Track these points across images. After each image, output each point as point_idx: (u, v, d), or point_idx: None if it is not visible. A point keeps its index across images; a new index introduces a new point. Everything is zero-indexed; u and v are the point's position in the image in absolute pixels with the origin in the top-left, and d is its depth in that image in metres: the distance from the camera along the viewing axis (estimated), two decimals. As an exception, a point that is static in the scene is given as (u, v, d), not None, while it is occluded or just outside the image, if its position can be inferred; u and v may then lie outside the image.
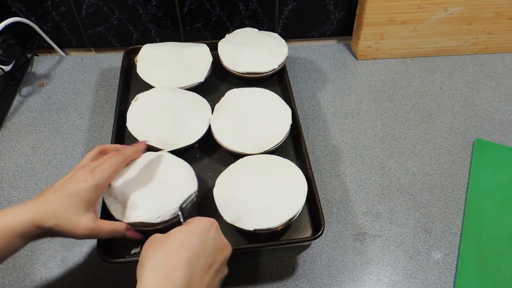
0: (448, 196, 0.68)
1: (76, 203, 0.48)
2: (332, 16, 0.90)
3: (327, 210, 0.66)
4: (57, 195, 0.48)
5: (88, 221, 0.48)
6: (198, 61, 0.78)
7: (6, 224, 0.45)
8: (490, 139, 0.76)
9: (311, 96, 0.83)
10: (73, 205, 0.47)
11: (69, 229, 0.47)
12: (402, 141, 0.75)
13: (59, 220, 0.47)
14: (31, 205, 0.47)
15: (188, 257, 0.41)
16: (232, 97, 0.73)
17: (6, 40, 0.81)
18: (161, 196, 0.57)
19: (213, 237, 0.44)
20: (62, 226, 0.47)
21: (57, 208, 0.47)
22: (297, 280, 0.59)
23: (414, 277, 0.59)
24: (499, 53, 0.92)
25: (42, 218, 0.46)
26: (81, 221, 0.48)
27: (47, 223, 0.46)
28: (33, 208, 0.46)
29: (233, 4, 0.85)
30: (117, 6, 0.84)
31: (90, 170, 0.50)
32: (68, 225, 0.47)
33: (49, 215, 0.46)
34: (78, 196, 0.48)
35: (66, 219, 0.47)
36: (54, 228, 0.46)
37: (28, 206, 0.47)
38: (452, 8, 0.83)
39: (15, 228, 0.45)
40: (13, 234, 0.45)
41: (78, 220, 0.48)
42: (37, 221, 0.46)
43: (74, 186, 0.48)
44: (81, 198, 0.48)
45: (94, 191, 0.49)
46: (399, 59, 0.91)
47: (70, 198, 0.48)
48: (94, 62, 0.90)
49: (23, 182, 0.69)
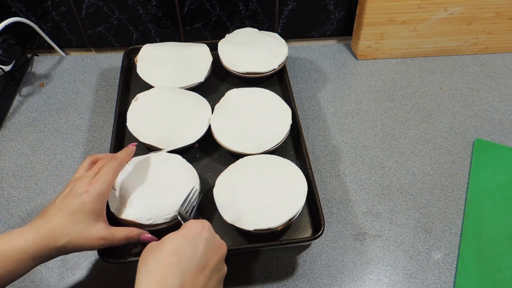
0: (448, 196, 0.68)
1: (83, 216, 0.47)
2: (332, 16, 0.90)
3: (327, 210, 0.66)
4: (62, 212, 0.47)
5: (100, 231, 0.48)
6: (198, 61, 0.78)
7: (17, 247, 0.44)
8: (490, 139, 0.76)
9: (311, 96, 0.83)
10: (81, 219, 0.47)
11: (83, 243, 0.47)
12: (402, 141, 0.75)
13: (71, 237, 0.46)
14: (38, 226, 0.46)
15: (179, 261, 0.41)
16: (232, 97, 0.73)
17: (6, 40, 0.81)
18: (158, 199, 0.58)
19: (206, 238, 0.44)
20: (75, 241, 0.47)
21: (65, 225, 0.46)
22: (297, 280, 0.59)
23: (414, 277, 0.59)
24: (499, 53, 0.92)
25: (52, 239, 0.45)
26: (93, 232, 0.48)
27: (59, 242, 0.46)
28: (41, 229, 0.46)
29: (233, 4, 0.85)
30: (117, 6, 0.84)
31: (88, 181, 0.50)
32: (81, 239, 0.47)
33: (59, 235, 0.46)
34: (84, 209, 0.48)
35: (78, 234, 0.47)
36: (66, 245, 0.46)
37: (36, 227, 0.46)
38: (452, 8, 0.83)
39: (26, 252, 0.44)
40: (24, 257, 0.44)
41: (90, 232, 0.48)
42: (47, 242, 0.45)
43: (78, 200, 0.48)
44: (87, 211, 0.48)
45: (99, 201, 0.49)
46: (399, 59, 0.91)
47: (77, 213, 0.47)
48: (94, 62, 0.90)
49: (23, 182, 0.69)
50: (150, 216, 0.56)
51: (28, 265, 0.45)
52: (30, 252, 0.44)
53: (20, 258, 0.44)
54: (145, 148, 0.67)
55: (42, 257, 0.46)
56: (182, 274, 0.40)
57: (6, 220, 0.65)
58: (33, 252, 0.45)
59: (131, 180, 0.59)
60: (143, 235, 0.53)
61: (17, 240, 0.44)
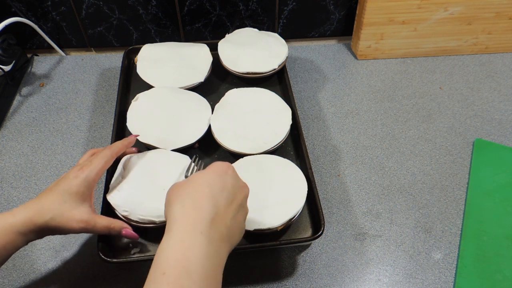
0: (448, 196, 0.68)
1: (69, 197, 0.50)
2: (332, 16, 0.90)
3: (327, 210, 0.66)
4: (51, 192, 0.51)
5: (83, 214, 0.51)
6: (198, 61, 0.78)
7: (5, 222, 0.47)
8: (490, 139, 0.76)
9: (311, 96, 0.83)
10: (67, 200, 0.50)
11: (65, 223, 0.50)
12: (402, 141, 0.75)
13: (54, 214, 0.49)
14: (29, 205, 0.49)
15: (211, 191, 0.44)
16: (232, 97, 0.73)
17: (6, 40, 0.81)
18: (144, 198, 0.58)
19: (232, 176, 0.46)
20: (57, 220, 0.49)
21: (51, 203, 0.50)
22: (297, 280, 0.59)
23: (414, 277, 0.59)
24: (499, 53, 0.92)
25: (38, 214, 0.48)
26: (75, 214, 0.50)
27: (43, 218, 0.48)
28: (31, 206, 0.49)
29: (233, 4, 0.85)
30: (117, 6, 0.84)
31: (80, 167, 0.53)
32: (63, 218, 0.50)
33: (44, 211, 0.49)
34: (70, 191, 0.51)
35: (62, 213, 0.49)
36: (50, 222, 0.49)
37: (26, 205, 0.49)
38: (452, 8, 0.83)
39: (13, 226, 0.47)
40: (12, 231, 0.47)
41: (72, 213, 0.50)
42: (33, 218, 0.48)
43: (66, 183, 0.51)
44: (73, 192, 0.51)
45: (85, 185, 0.52)
46: (399, 59, 0.91)
47: (63, 193, 0.50)
48: (94, 62, 0.90)
49: (23, 182, 0.69)
50: (127, 209, 0.57)
51: (16, 240, 0.48)
52: (18, 226, 0.47)
53: (9, 232, 0.47)
54: (145, 148, 0.67)
55: (29, 232, 0.48)
56: (215, 202, 0.43)
57: (6, 220, 0.65)
58: (21, 226, 0.48)
59: (137, 169, 0.61)
60: (125, 229, 0.55)
61: (7, 217, 0.48)
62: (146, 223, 0.57)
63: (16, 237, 0.48)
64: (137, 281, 0.58)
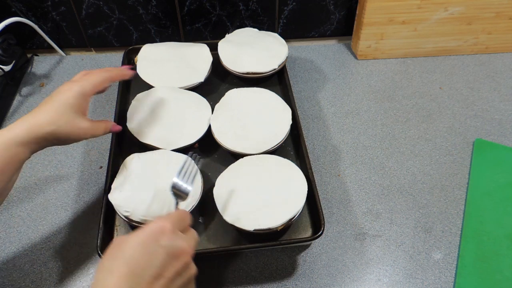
0: (448, 196, 0.68)
1: (66, 109, 0.51)
2: (332, 16, 0.90)
3: (327, 210, 0.66)
4: (48, 105, 0.51)
5: (86, 121, 0.53)
6: (198, 61, 0.78)
7: (4, 137, 0.48)
8: (490, 139, 0.76)
9: (311, 96, 0.83)
10: (64, 112, 0.51)
11: (69, 131, 0.52)
12: (402, 141, 0.75)
13: (59, 125, 0.51)
14: (25, 118, 0.50)
15: (130, 273, 0.38)
16: (232, 97, 0.73)
17: (6, 40, 0.81)
18: (149, 197, 0.58)
19: (164, 245, 0.40)
20: (62, 129, 0.51)
21: (50, 116, 0.50)
22: (297, 280, 0.59)
23: (414, 277, 0.59)
24: (499, 53, 0.92)
25: (38, 125, 0.50)
26: (79, 122, 0.52)
27: (44, 129, 0.50)
28: (28, 119, 0.50)
29: (233, 4, 0.85)
30: (117, 6, 0.84)
31: (72, 82, 0.54)
32: (68, 127, 0.51)
33: (45, 122, 0.50)
34: (66, 104, 0.52)
35: (66, 123, 0.51)
36: (53, 132, 0.50)
37: (22, 119, 0.50)
38: (452, 8, 0.83)
39: (13, 139, 0.48)
40: (13, 144, 0.48)
41: (76, 122, 0.52)
42: (32, 129, 0.49)
43: (61, 96, 0.52)
44: (70, 104, 0.52)
45: (80, 98, 0.53)
46: (399, 59, 0.91)
47: (60, 107, 0.51)
48: (94, 62, 0.90)
49: (23, 182, 0.69)
50: (129, 209, 0.57)
51: (20, 152, 0.49)
52: (18, 138, 0.49)
53: (10, 144, 0.48)
54: (146, 148, 0.67)
55: (29, 143, 0.50)
56: (134, 282, 0.38)
57: (6, 220, 0.65)
58: (21, 138, 0.49)
59: (138, 170, 0.61)
60: (113, 125, 0.59)
61: (4, 132, 0.49)
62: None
63: (18, 149, 0.49)
64: (137, 281, 0.58)
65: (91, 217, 0.64)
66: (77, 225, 0.64)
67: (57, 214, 0.65)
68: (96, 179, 0.69)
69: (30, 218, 0.65)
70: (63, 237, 0.63)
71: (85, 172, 0.70)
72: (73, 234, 0.63)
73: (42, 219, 0.65)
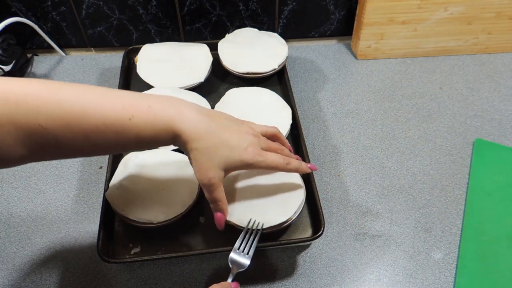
0: (448, 196, 0.68)
1: (221, 159, 0.48)
2: (332, 16, 0.90)
3: (327, 210, 0.66)
4: (214, 134, 0.47)
5: (216, 176, 0.49)
6: (198, 61, 0.78)
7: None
8: (490, 139, 0.76)
9: (311, 96, 0.83)
10: (216, 157, 0.48)
11: (196, 169, 0.48)
12: (402, 141, 0.75)
13: (194, 153, 0.47)
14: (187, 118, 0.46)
15: None
16: (232, 97, 0.73)
17: (6, 40, 0.81)
18: (147, 197, 0.59)
19: None
20: (193, 160, 0.48)
21: (203, 141, 0.47)
22: (297, 280, 0.59)
23: (414, 277, 0.59)
24: (499, 53, 0.92)
25: (183, 137, 0.46)
26: (210, 173, 0.48)
27: (183, 144, 0.47)
28: (186, 120, 0.46)
29: (233, 4, 0.85)
30: (117, 6, 0.84)
31: (258, 148, 0.50)
32: (197, 165, 0.48)
33: (190, 140, 0.46)
34: (227, 157, 0.48)
35: (201, 158, 0.47)
36: (188, 152, 0.47)
37: (187, 116, 0.46)
38: (452, 8, 0.83)
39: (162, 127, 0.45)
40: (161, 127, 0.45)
41: (208, 170, 0.48)
42: (177, 136, 0.46)
43: (234, 153, 0.48)
44: (227, 161, 0.48)
45: (242, 166, 0.50)
46: (399, 59, 0.91)
47: (220, 149, 0.48)
48: (94, 62, 0.90)
49: (23, 182, 0.69)
50: (126, 208, 0.57)
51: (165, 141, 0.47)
52: (165, 134, 0.46)
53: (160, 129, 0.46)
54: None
55: (165, 140, 0.47)
56: None
57: (6, 220, 0.65)
58: (165, 134, 0.46)
59: (137, 169, 0.61)
60: (218, 216, 0.53)
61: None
62: (144, 223, 0.57)
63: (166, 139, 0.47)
64: (137, 281, 0.58)
65: (91, 217, 0.65)
66: (77, 225, 0.64)
67: (57, 214, 0.65)
68: (96, 179, 0.69)
69: (30, 218, 0.65)
70: (63, 237, 0.63)
71: (85, 172, 0.70)
72: (73, 234, 0.63)
73: (42, 219, 0.65)
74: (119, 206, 0.57)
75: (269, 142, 0.54)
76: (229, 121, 0.51)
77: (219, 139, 0.47)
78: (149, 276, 0.59)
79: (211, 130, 0.47)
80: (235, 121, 0.52)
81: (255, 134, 0.52)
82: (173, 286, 0.58)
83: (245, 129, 0.51)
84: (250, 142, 0.50)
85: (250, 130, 0.52)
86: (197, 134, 0.46)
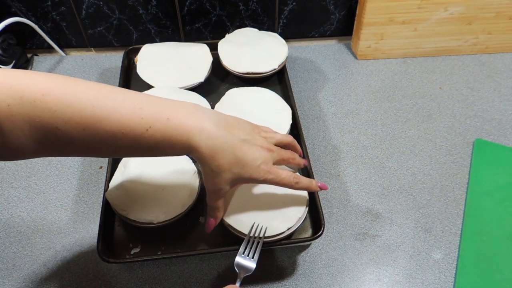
0: (448, 196, 0.68)
1: (232, 176, 0.48)
2: (332, 16, 0.90)
3: (327, 210, 0.66)
4: (229, 151, 0.47)
5: (223, 188, 0.49)
6: (198, 61, 0.78)
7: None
8: (490, 139, 0.76)
9: (311, 96, 0.83)
10: (228, 173, 0.48)
11: (205, 179, 0.49)
12: (402, 141, 0.75)
13: (206, 167, 0.47)
14: (207, 133, 0.46)
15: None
16: (232, 97, 0.73)
17: (6, 40, 0.81)
18: (147, 197, 0.59)
19: None
20: (204, 171, 0.48)
21: (216, 159, 0.47)
22: (297, 280, 0.59)
23: (414, 277, 0.59)
24: (499, 53, 0.92)
25: (199, 153, 0.46)
26: (218, 185, 0.49)
27: (197, 158, 0.47)
28: (203, 135, 0.45)
29: (233, 4, 0.85)
30: (117, 6, 0.84)
31: (270, 165, 0.50)
32: (207, 176, 0.48)
33: (205, 156, 0.46)
34: (239, 174, 0.48)
35: (212, 173, 0.47)
36: (202, 165, 0.47)
37: (207, 131, 0.46)
38: (452, 8, 0.83)
39: (178, 137, 0.45)
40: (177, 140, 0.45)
41: (218, 183, 0.48)
42: (193, 150, 0.46)
43: (245, 171, 0.48)
44: (238, 177, 0.49)
45: (251, 181, 0.50)
46: (399, 59, 0.91)
47: (233, 167, 0.47)
48: (94, 62, 0.90)
49: (23, 182, 0.69)
50: (125, 208, 0.57)
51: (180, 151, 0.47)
52: (181, 144, 0.46)
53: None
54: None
55: (181, 149, 0.46)
56: None
57: (6, 220, 0.65)
58: (180, 144, 0.46)
59: (137, 169, 0.61)
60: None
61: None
62: (144, 223, 0.57)
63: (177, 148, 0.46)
64: (137, 281, 0.58)
65: (91, 217, 0.65)
66: (77, 225, 0.64)
67: (57, 214, 0.65)
68: (96, 179, 0.69)
69: (30, 218, 0.65)
70: (63, 237, 0.63)
71: (85, 172, 0.70)
72: (73, 234, 0.63)
73: (42, 219, 0.65)
74: (119, 206, 0.57)
75: (282, 152, 0.53)
76: (246, 133, 0.50)
77: (233, 158, 0.47)
78: (149, 276, 0.59)
79: (227, 146, 0.46)
80: (251, 132, 0.51)
81: (270, 148, 0.51)
82: (173, 286, 0.58)
83: (260, 142, 0.50)
84: (264, 160, 0.49)
85: (265, 144, 0.51)
86: (212, 152, 0.46)
